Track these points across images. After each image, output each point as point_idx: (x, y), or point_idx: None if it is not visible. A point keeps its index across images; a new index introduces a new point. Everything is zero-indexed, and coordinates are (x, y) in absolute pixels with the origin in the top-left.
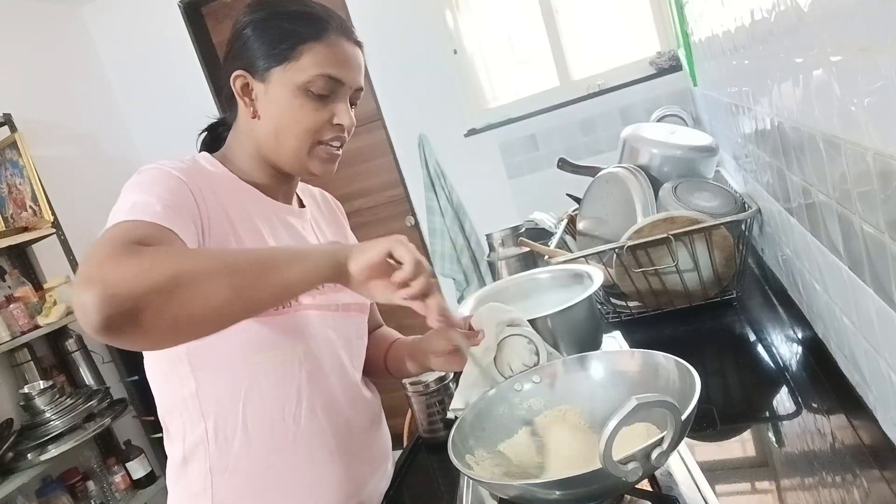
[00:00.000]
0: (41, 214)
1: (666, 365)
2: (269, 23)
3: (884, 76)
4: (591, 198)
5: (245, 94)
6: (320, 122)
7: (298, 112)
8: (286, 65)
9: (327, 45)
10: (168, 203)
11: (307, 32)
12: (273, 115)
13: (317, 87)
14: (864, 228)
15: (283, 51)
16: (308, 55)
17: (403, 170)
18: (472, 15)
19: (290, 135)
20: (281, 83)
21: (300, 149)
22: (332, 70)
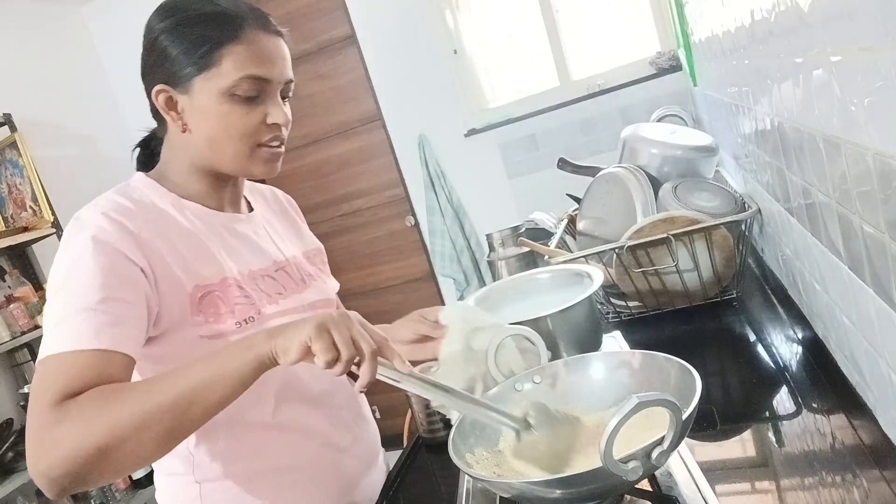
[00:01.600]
0: (41, 214)
1: (666, 365)
2: (182, 30)
3: (884, 76)
4: (591, 198)
5: (170, 108)
6: (253, 125)
7: (228, 119)
8: (207, 72)
9: (246, 44)
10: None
11: (223, 35)
12: (203, 126)
13: (243, 90)
14: (864, 228)
15: (202, 58)
16: (228, 59)
17: (403, 170)
18: (472, 15)
19: (224, 143)
20: (205, 92)
21: (239, 155)
22: (255, 70)
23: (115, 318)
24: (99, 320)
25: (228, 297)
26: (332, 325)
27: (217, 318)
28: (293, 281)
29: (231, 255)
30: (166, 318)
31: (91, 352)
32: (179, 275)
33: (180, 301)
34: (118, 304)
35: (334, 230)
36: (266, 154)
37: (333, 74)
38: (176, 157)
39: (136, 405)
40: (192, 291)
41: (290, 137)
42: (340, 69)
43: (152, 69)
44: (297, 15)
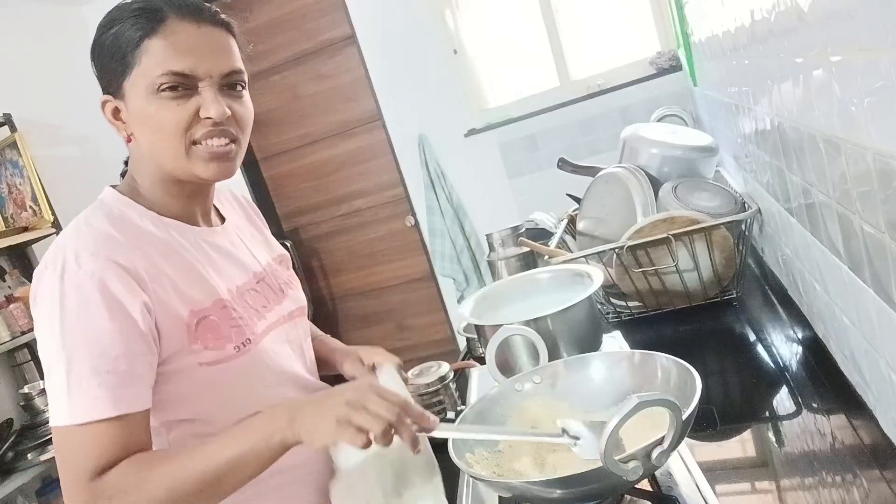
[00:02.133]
0: (41, 214)
1: (666, 365)
2: (108, 35)
3: (884, 76)
4: (591, 198)
5: (117, 118)
6: (184, 120)
7: (157, 117)
8: (131, 73)
9: (165, 36)
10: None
11: (142, 31)
12: (140, 129)
13: (164, 84)
14: (864, 228)
15: (125, 59)
16: (147, 55)
17: (403, 170)
18: (472, 15)
19: (161, 144)
20: (133, 94)
21: (177, 155)
22: (175, 64)
23: (129, 377)
24: (112, 383)
25: (223, 319)
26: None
27: (215, 345)
28: (273, 291)
29: (218, 273)
30: (165, 349)
31: (111, 421)
32: (175, 304)
33: (178, 331)
34: (129, 359)
35: (334, 230)
36: (204, 153)
37: (333, 74)
38: (138, 169)
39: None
40: (189, 319)
41: (290, 138)
42: (340, 69)
43: (100, 80)
44: (297, 15)
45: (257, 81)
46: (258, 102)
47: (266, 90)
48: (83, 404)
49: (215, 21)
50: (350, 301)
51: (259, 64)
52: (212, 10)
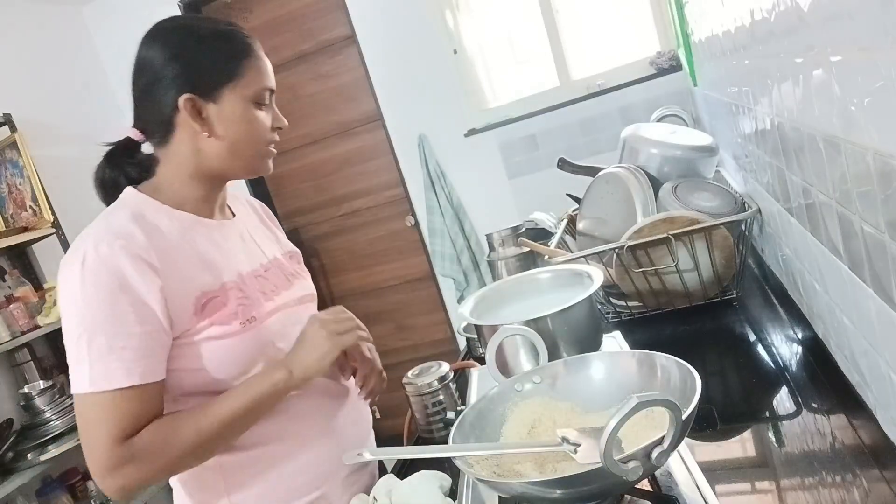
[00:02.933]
0: (41, 214)
1: (666, 365)
2: (207, 45)
3: (884, 76)
4: (591, 198)
5: (195, 116)
6: (268, 129)
7: (255, 124)
8: (235, 82)
9: (257, 59)
10: (123, 334)
11: (242, 50)
12: (231, 130)
13: (261, 98)
14: (864, 228)
15: (229, 70)
16: (249, 71)
17: (403, 170)
18: (472, 15)
19: (247, 145)
20: (232, 100)
21: (257, 156)
22: (267, 82)
23: (143, 352)
24: (127, 358)
25: (230, 300)
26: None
27: (222, 321)
28: (281, 279)
29: (226, 259)
30: (177, 328)
31: (129, 389)
32: (185, 288)
33: (187, 311)
34: (142, 337)
35: (334, 230)
36: (270, 154)
37: (333, 74)
38: (178, 165)
39: (192, 437)
40: (197, 301)
41: (290, 138)
42: (340, 69)
43: (175, 81)
44: (297, 15)
45: None
46: None
47: None
48: (101, 374)
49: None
50: (350, 301)
51: None
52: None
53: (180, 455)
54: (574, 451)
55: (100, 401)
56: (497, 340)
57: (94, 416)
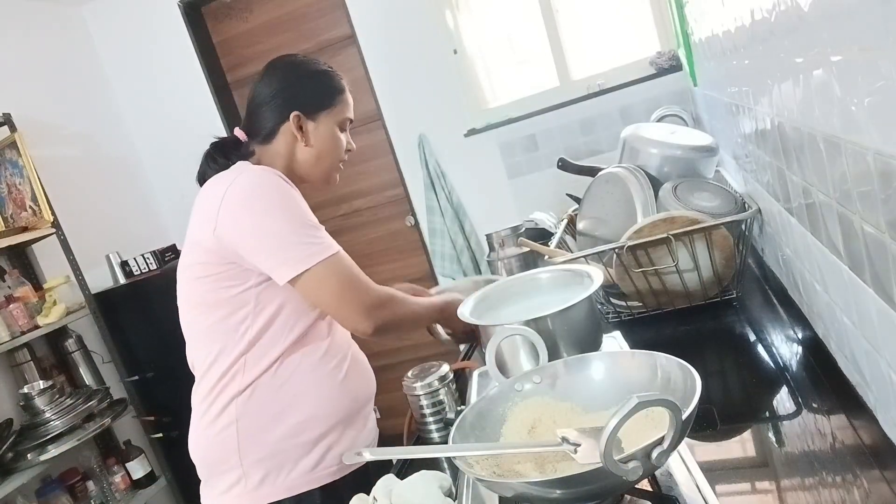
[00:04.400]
0: (41, 214)
1: (666, 365)
2: (314, 79)
3: (884, 76)
4: (591, 198)
5: (299, 128)
6: (343, 148)
7: (337, 143)
8: (330, 109)
9: (347, 94)
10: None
11: (338, 87)
12: (319, 144)
13: (344, 126)
14: (865, 228)
15: (328, 99)
16: (341, 103)
17: (403, 170)
18: (472, 15)
19: (328, 159)
20: (326, 122)
21: (333, 168)
22: (351, 114)
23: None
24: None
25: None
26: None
27: None
28: None
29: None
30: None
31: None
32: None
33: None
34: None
35: (334, 230)
36: (340, 169)
37: None
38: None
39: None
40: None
41: None
42: (340, 69)
43: (292, 100)
44: (297, 15)
45: None
46: None
47: None
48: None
49: None
50: None
51: (259, 64)
52: None
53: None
54: (574, 451)
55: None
56: (497, 340)
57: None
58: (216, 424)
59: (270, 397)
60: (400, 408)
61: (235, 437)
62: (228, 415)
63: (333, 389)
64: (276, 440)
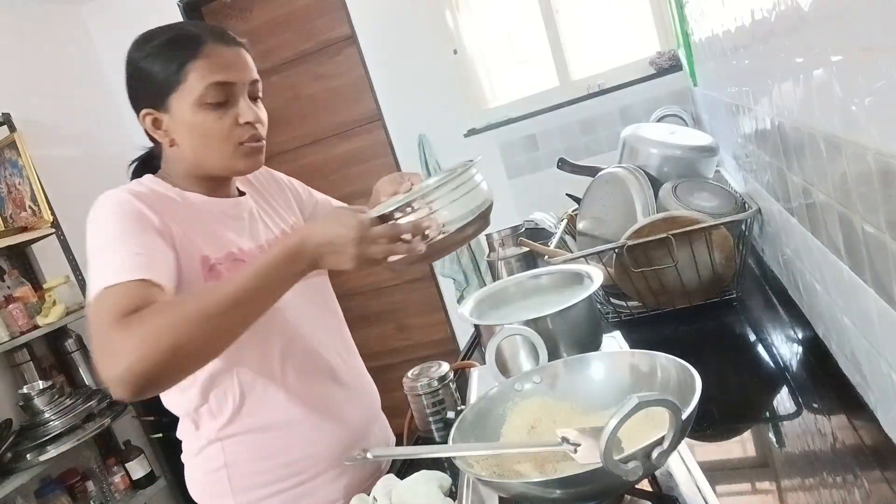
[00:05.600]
0: (40, 214)
1: (666, 365)
2: (152, 58)
3: (884, 76)
4: (591, 198)
5: (157, 127)
6: (227, 128)
7: (204, 126)
8: (178, 89)
9: (206, 56)
10: (137, 245)
11: (186, 54)
12: (186, 137)
13: (211, 97)
14: (865, 228)
15: (171, 78)
16: (193, 73)
17: (403, 170)
18: (472, 15)
19: (207, 149)
20: (180, 107)
21: (223, 157)
22: (217, 77)
23: (153, 259)
24: (139, 260)
25: (232, 269)
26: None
27: None
28: None
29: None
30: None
31: (137, 281)
32: (190, 246)
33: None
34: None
35: None
36: (247, 150)
37: (333, 74)
38: (173, 167)
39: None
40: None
41: (290, 138)
42: (340, 69)
43: (137, 96)
44: (297, 15)
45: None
46: None
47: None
48: (113, 272)
49: (238, 42)
50: (350, 300)
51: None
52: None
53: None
54: (574, 451)
55: (110, 292)
56: (497, 340)
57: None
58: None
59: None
60: (400, 408)
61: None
62: (217, 458)
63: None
64: (270, 482)
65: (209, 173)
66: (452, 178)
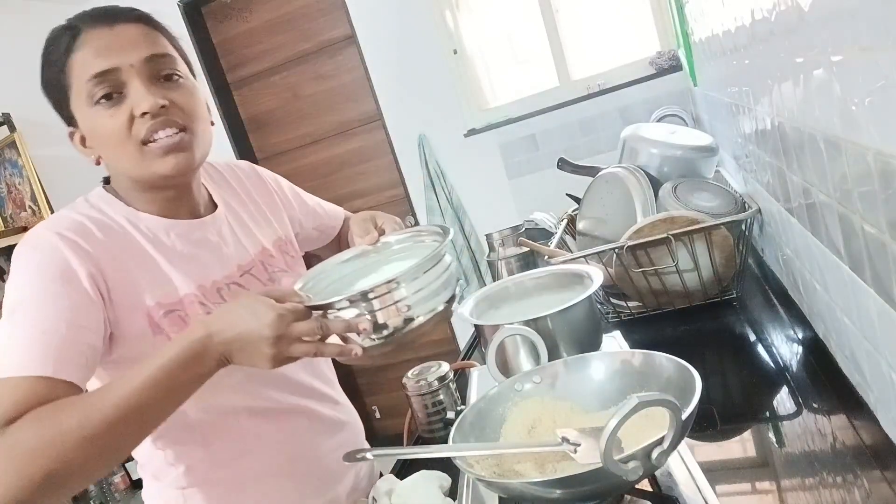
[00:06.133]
0: (40, 214)
1: (666, 365)
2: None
3: (884, 76)
4: (591, 198)
5: (84, 145)
6: (123, 124)
7: (100, 129)
8: (69, 94)
9: (83, 46)
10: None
11: (62, 54)
12: (97, 146)
13: (98, 92)
14: (865, 228)
15: (59, 86)
16: (74, 70)
17: (403, 170)
18: (472, 15)
19: (115, 155)
20: (80, 115)
21: (132, 160)
22: (95, 67)
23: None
24: (47, 345)
25: (191, 315)
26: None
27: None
28: (261, 283)
29: (190, 269)
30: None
31: (36, 378)
32: (135, 296)
33: (139, 323)
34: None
35: None
36: (157, 150)
37: (333, 74)
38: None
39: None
40: (152, 311)
41: (290, 138)
42: (340, 69)
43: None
44: (297, 15)
45: (257, 81)
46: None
47: (266, 90)
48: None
49: (129, 18)
50: None
51: (259, 64)
52: (125, 10)
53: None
54: (574, 451)
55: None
56: (497, 340)
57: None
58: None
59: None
60: (400, 408)
61: None
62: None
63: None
64: None
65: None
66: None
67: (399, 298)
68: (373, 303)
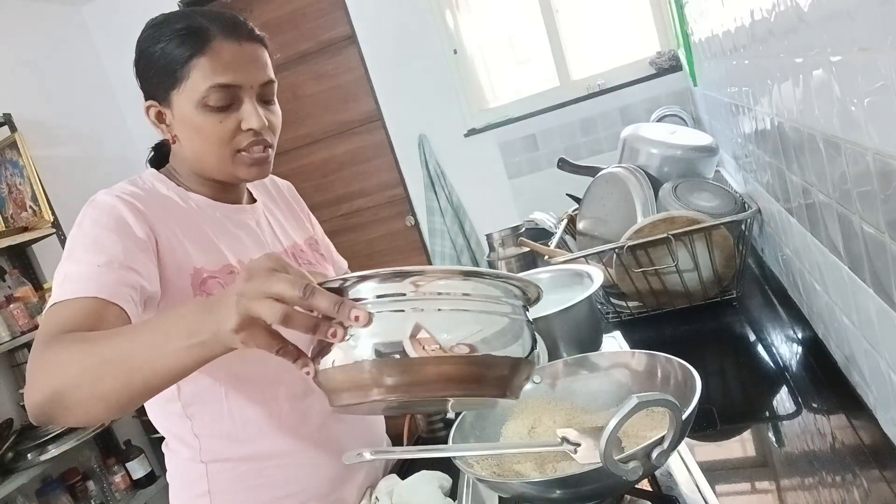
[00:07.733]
0: (41, 214)
1: (666, 365)
2: (157, 50)
3: (884, 76)
4: (591, 198)
5: (160, 121)
6: (228, 133)
7: (204, 128)
8: (180, 86)
9: (211, 55)
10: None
11: (191, 50)
12: (186, 136)
13: (213, 100)
14: (864, 228)
15: (174, 74)
16: (196, 71)
17: (403, 170)
18: (472, 15)
19: (205, 151)
20: (181, 105)
21: (221, 161)
22: (221, 78)
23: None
24: (102, 276)
25: (229, 283)
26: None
27: None
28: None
29: (232, 244)
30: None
31: (89, 299)
32: (182, 257)
33: (181, 281)
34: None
35: (335, 230)
36: (247, 159)
37: (333, 74)
38: (178, 162)
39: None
40: (194, 273)
41: (290, 138)
42: (340, 69)
43: (142, 87)
44: (297, 15)
45: None
46: None
47: None
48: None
49: (252, 37)
50: None
51: None
52: (249, 28)
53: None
54: (574, 451)
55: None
56: None
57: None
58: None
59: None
60: None
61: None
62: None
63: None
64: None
65: (211, 176)
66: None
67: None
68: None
